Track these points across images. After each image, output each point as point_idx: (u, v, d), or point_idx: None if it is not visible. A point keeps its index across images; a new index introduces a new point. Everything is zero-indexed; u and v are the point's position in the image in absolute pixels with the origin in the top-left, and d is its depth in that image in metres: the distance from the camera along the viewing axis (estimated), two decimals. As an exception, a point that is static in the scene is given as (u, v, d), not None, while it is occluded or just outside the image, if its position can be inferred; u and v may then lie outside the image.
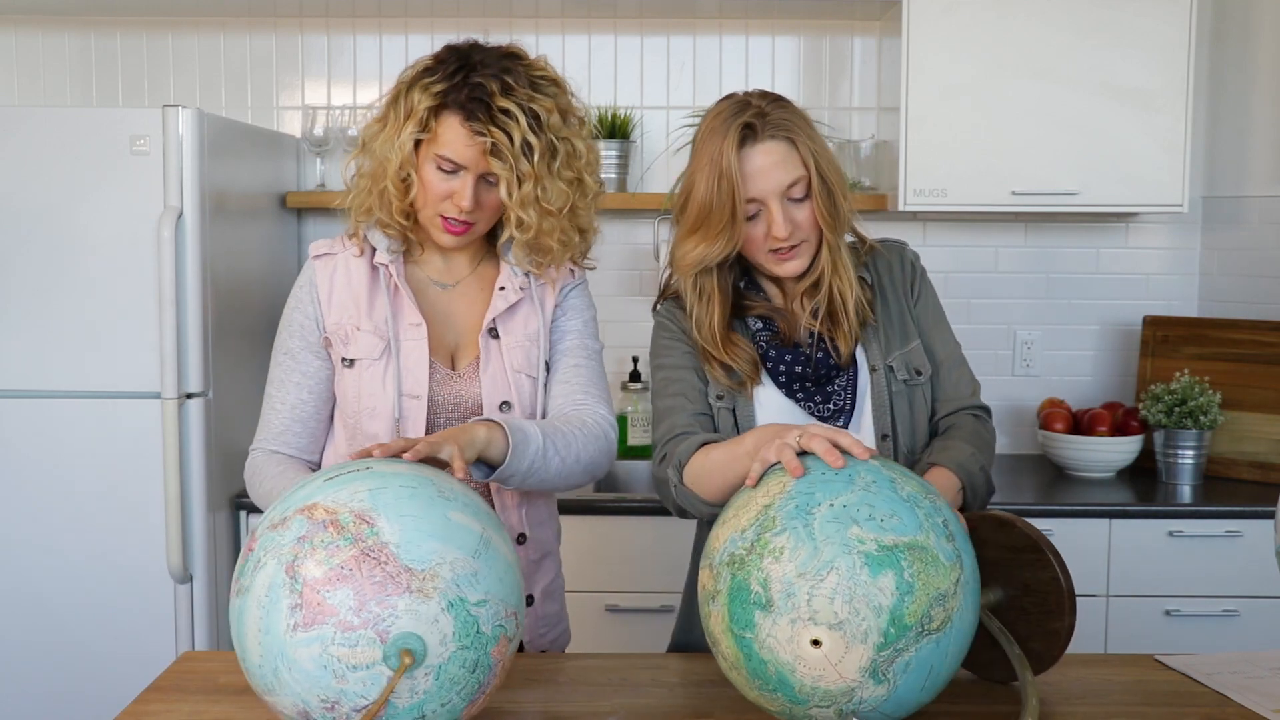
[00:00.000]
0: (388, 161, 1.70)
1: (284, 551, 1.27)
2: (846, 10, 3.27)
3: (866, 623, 1.27)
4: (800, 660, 1.28)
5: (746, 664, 1.33)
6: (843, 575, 1.27)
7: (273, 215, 3.19)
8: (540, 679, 1.58)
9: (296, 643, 1.24)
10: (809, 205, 1.71)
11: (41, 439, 2.73)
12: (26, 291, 2.71)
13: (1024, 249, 3.43)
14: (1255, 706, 1.49)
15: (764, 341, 1.78)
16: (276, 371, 1.81)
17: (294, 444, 1.79)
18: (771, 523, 1.33)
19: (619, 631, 2.83)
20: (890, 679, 1.29)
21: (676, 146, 3.33)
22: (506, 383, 1.77)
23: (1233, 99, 3.27)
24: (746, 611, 1.31)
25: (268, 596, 1.26)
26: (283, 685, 1.26)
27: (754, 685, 1.34)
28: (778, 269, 1.74)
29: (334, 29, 3.38)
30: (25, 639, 2.74)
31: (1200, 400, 3.01)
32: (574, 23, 3.37)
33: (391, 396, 1.73)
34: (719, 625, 1.35)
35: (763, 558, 1.31)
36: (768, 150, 1.69)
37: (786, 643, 1.28)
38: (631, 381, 3.33)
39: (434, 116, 1.68)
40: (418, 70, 1.73)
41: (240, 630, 1.29)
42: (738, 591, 1.32)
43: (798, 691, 1.30)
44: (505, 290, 1.80)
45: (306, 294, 1.80)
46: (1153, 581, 2.84)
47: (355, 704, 1.25)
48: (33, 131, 2.70)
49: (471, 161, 1.69)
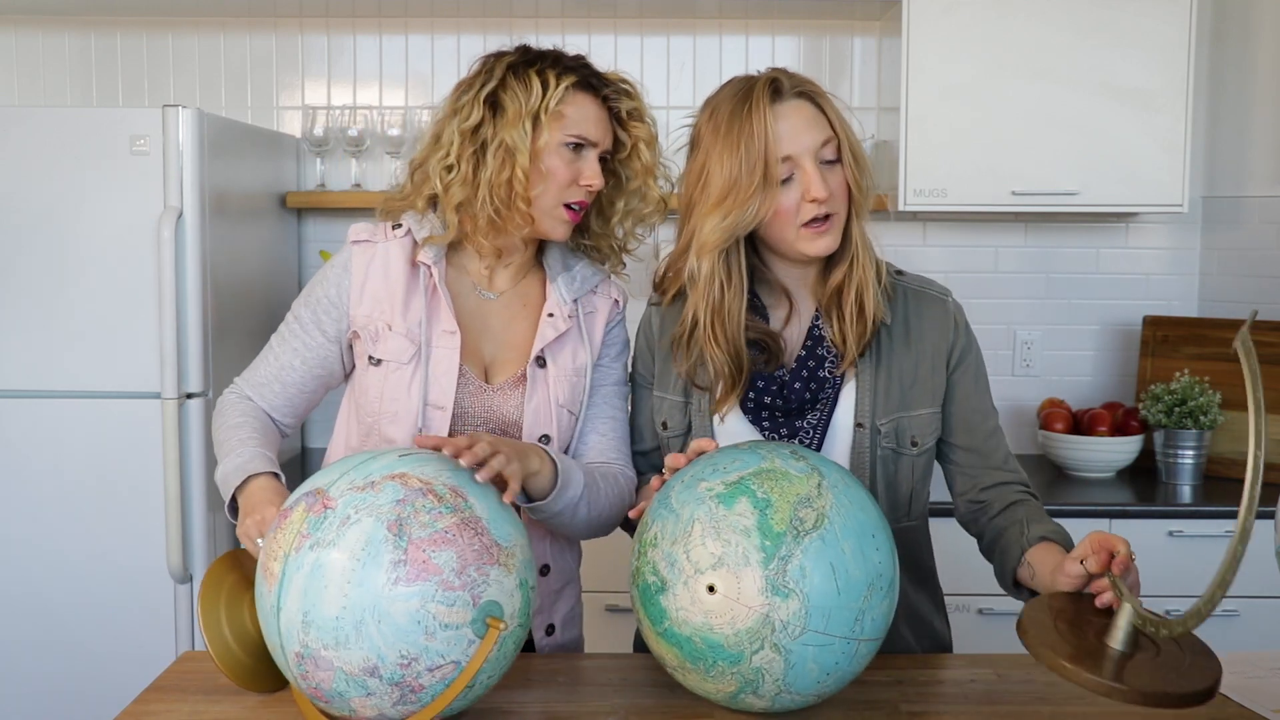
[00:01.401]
0: (517, 150, 1.65)
1: (384, 511, 1.32)
2: (846, 10, 3.27)
3: (740, 546, 1.32)
4: (710, 614, 1.32)
5: (682, 652, 1.35)
6: (704, 522, 1.34)
7: (273, 215, 3.19)
8: (540, 679, 1.58)
9: (395, 596, 1.29)
10: (840, 171, 1.62)
11: (41, 439, 2.73)
12: (26, 291, 2.71)
13: (1024, 249, 3.43)
14: (1255, 706, 1.49)
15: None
16: (284, 329, 1.79)
17: (269, 400, 1.77)
18: (644, 526, 1.42)
19: (619, 631, 2.83)
20: (794, 589, 1.30)
21: (676, 146, 3.33)
22: (550, 415, 1.74)
23: (1233, 99, 3.27)
24: (654, 605, 1.36)
25: (365, 551, 1.30)
26: (362, 638, 1.29)
27: (700, 671, 1.36)
28: (810, 246, 1.61)
29: (334, 29, 3.38)
30: (25, 639, 2.74)
31: (1200, 400, 3.01)
32: (574, 23, 3.37)
33: (416, 404, 1.69)
34: (650, 639, 1.40)
35: (645, 553, 1.39)
36: (796, 108, 1.61)
37: (691, 605, 1.33)
38: (631, 381, 3.33)
39: (561, 99, 1.67)
40: (511, 61, 1.69)
41: (315, 582, 1.30)
42: (642, 596, 1.38)
43: (726, 647, 1.32)
44: (555, 318, 1.75)
45: (337, 277, 1.74)
46: (1153, 581, 2.80)
47: (431, 663, 1.30)
48: (33, 131, 2.70)
49: (602, 136, 1.71)
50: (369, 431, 1.74)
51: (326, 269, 1.77)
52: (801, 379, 1.68)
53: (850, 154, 1.64)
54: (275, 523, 1.38)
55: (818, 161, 1.61)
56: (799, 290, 1.72)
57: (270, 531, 1.38)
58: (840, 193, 1.63)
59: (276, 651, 1.35)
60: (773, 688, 1.34)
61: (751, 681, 1.34)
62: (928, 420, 1.70)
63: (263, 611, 1.36)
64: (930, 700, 1.53)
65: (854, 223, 1.66)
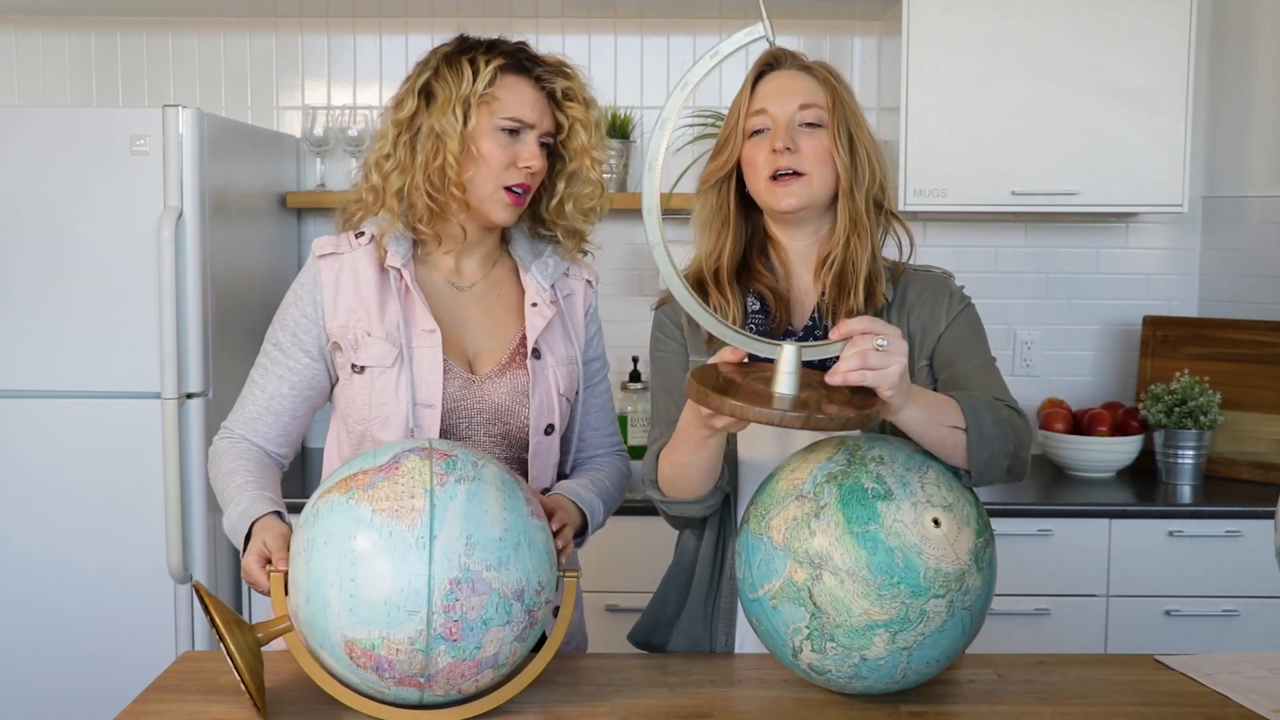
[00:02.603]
0: (447, 135, 1.67)
1: (494, 458, 1.51)
2: (846, 10, 3.27)
3: (967, 509, 1.47)
4: (925, 540, 1.41)
5: (870, 560, 1.40)
6: (939, 471, 1.49)
7: (273, 215, 3.19)
8: (540, 679, 1.58)
9: (535, 527, 1.45)
10: (820, 136, 1.67)
11: (41, 439, 2.73)
12: (26, 291, 2.71)
13: (1024, 249, 3.43)
14: (1255, 706, 1.49)
15: (754, 325, 1.71)
16: (263, 360, 1.78)
17: (263, 434, 1.76)
18: (856, 447, 1.49)
19: (619, 631, 2.82)
20: (984, 570, 1.46)
21: (676, 146, 3.33)
22: (553, 405, 1.77)
23: (1233, 99, 3.27)
24: (867, 507, 1.42)
25: (503, 485, 1.44)
26: (519, 560, 1.40)
27: (876, 584, 1.39)
28: (773, 198, 1.67)
29: (334, 29, 3.38)
30: (25, 639, 2.74)
31: (1200, 400, 3.01)
32: (574, 23, 3.37)
33: (405, 405, 1.70)
34: (828, 538, 1.41)
35: (866, 465, 1.46)
36: (788, 75, 1.70)
37: (912, 524, 1.42)
38: (631, 381, 3.33)
39: (490, 82, 1.69)
40: (446, 51, 1.73)
41: (475, 507, 1.39)
42: (851, 494, 1.43)
43: (921, 577, 1.40)
44: (538, 306, 1.78)
45: (309, 294, 1.74)
46: (1153, 581, 2.84)
47: (549, 597, 1.46)
48: (33, 131, 2.70)
49: (537, 118, 1.71)
50: (361, 440, 1.74)
51: (295, 288, 1.77)
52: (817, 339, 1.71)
53: (841, 132, 1.68)
54: (379, 477, 1.40)
55: (793, 122, 1.67)
56: (799, 266, 1.76)
57: (373, 484, 1.39)
58: (815, 155, 1.67)
59: (418, 588, 1.35)
60: (911, 638, 1.41)
61: (906, 622, 1.40)
62: (919, 375, 1.70)
63: (398, 548, 1.35)
64: (930, 700, 1.53)
65: (841, 200, 1.70)
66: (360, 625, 1.36)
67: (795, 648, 1.45)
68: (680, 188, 3.21)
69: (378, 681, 1.39)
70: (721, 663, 1.69)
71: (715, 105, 3.34)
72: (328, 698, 1.47)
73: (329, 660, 1.41)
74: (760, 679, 1.61)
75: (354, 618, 1.36)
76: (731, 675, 1.63)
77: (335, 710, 1.48)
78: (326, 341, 1.74)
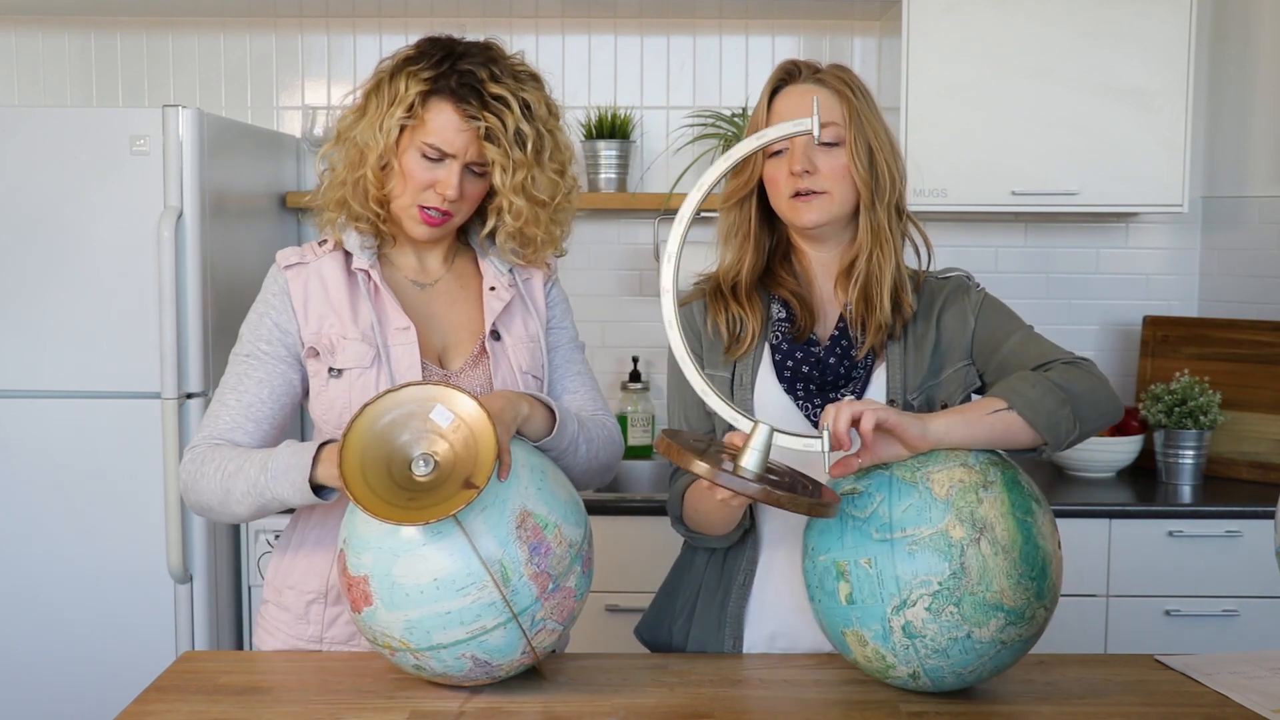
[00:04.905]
0: (368, 149, 1.68)
1: None
2: (846, 10, 3.27)
3: None
4: (1054, 557, 1.50)
5: (1023, 546, 1.46)
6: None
7: (272, 215, 3.19)
8: (540, 679, 1.58)
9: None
10: (839, 154, 1.68)
11: (42, 439, 2.73)
12: (26, 291, 2.71)
13: (1024, 249, 3.43)
14: (1255, 706, 1.49)
15: (779, 333, 1.74)
16: (232, 373, 1.74)
17: (241, 441, 1.70)
18: (987, 460, 1.53)
19: (619, 631, 2.83)
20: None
21: (676, 146, 3.33)
22: (516, 384, 1.77)
23: (1233, 99, 3.27)
24: (1025, 501, 1.50)
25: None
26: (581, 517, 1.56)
27: (1017, 571, 1.45)
28: (794, 216, 1.70)
29: (334, 29, 3.38)
30: (25, 639, 2.74)
31: (1200, 400, 3.01)
32: (574, 23, 3.37)
33: None
34: (995, 510, 1.46)
35: (1016, 469, 1.55)
36: (803, 91, 1.70)
37: (1050, 536, 1.51)
38: (631, 381, 3.33)
39: (422, 103, 1.67)
40: (400, 59, 1.71)
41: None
42: (1014, 484, 1.51)
43: (1046, 585, 1.48)
44: (496, 290, 1.79)
45: (280, 303, 1.73)
46: (1153, 581, 2.84)
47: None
48: (33, 131, 2.70)
49: (461, 149, 1.67)
50: None
51: (263, 299, 1.76)
52: (835, 355, 1.72)
53: (860, 146, 1.68)
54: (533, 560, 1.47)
55: (811, 142, 1.67)
56: (822, 275, 1.78)
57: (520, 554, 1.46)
58: (834, 174, 1.68)
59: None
60: (1014, 634, 1.46)
61: (1021, 618, 1.45)
62: (957, 377, 1.72)
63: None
64: (930, 700, 1.53)
65: (863, 214, 1.71)
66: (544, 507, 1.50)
67: (907, 600, 1.43)
68: (680, 188, 3.20)
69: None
70: (722, 662, 1.69)
71: (715, 105, 3.34)
72: (328, 697, 1.47)
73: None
74: (761, 679, 1.61)
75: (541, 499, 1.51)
76: (732, 675, 1.63)
77: (335, 710, 1.48)
78: (302, 347, 1.74)
